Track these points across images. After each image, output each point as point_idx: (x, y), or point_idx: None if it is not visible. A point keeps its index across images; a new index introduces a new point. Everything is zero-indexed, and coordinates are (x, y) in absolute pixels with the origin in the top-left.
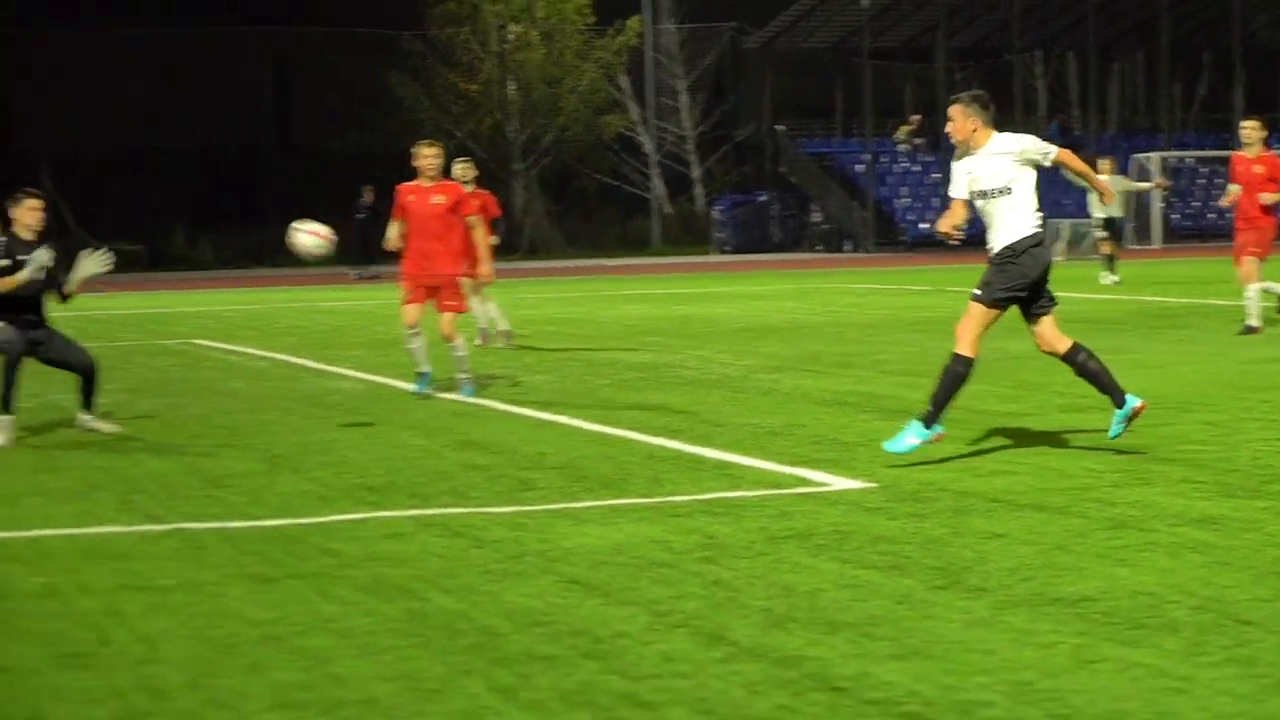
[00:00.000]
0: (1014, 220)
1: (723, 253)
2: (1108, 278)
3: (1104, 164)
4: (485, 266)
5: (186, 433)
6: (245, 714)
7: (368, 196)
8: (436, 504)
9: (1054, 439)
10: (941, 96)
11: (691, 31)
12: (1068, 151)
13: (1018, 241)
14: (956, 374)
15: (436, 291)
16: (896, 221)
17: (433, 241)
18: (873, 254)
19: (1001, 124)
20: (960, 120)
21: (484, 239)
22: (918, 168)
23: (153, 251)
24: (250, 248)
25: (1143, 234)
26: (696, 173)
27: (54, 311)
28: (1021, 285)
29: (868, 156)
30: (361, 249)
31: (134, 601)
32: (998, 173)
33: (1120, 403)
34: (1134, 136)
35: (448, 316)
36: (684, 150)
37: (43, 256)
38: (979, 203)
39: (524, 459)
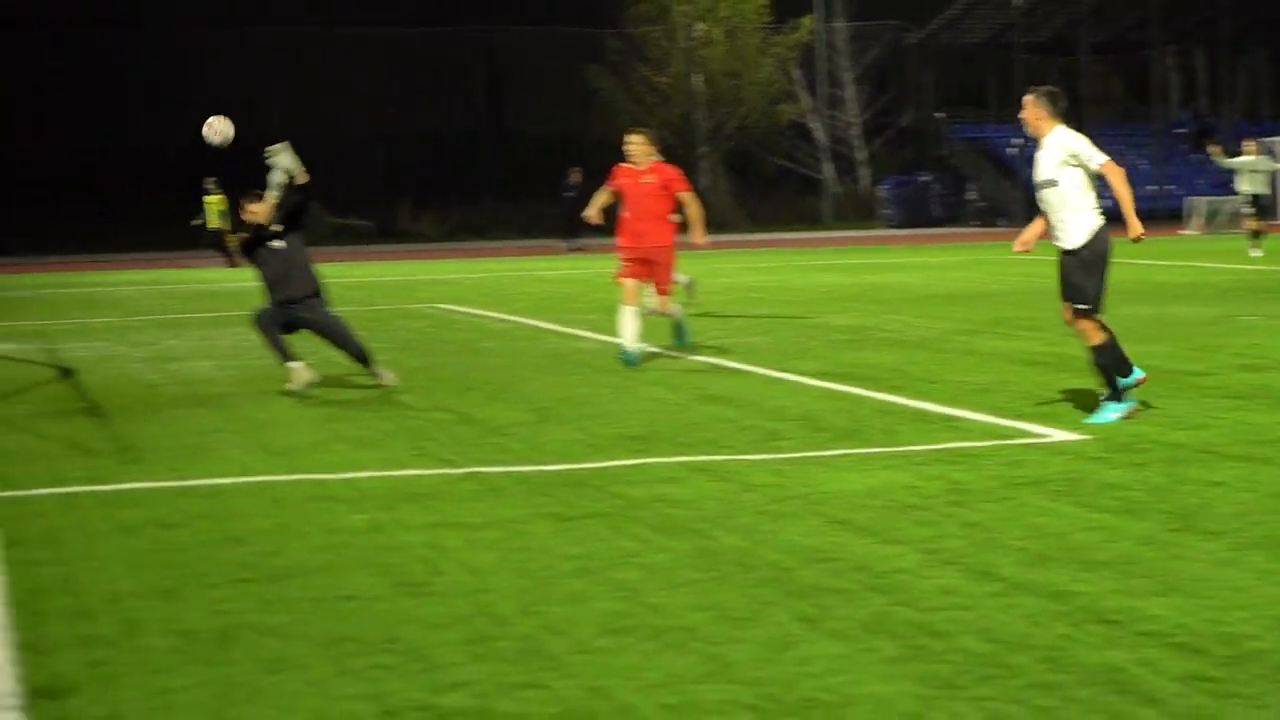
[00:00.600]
0: (1068, 214)
1: (888, 227)
2: (1255, 251)
3: (1250, 145)
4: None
5: (455, 386)
6: (579, 640)
7: (575, 177)
8: (698, 451)
9: (1241, 395)
10: (1084, 86)
11: (859, 29)
12: (1119, 173)
13: (1082, 234)
14: (1105, 363)
15: (651, 267)
16: None
17: (645, 219)
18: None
19: (1137, 113)
20: (1030, 109)
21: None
22: None
23: (380, 226)
24: (468, 223)
25: (1269, 210)
26: (862, 156)
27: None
28: (1105, 273)
29: (1019, 140)
30: (569, 224)
31: (453, 537)
32: (1047, 165)
33: (1127, 372)
34: (1260, 123)
35: (663, 298)
36: (850, 135)
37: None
38: (1037, 191)
39: (766, 411)
